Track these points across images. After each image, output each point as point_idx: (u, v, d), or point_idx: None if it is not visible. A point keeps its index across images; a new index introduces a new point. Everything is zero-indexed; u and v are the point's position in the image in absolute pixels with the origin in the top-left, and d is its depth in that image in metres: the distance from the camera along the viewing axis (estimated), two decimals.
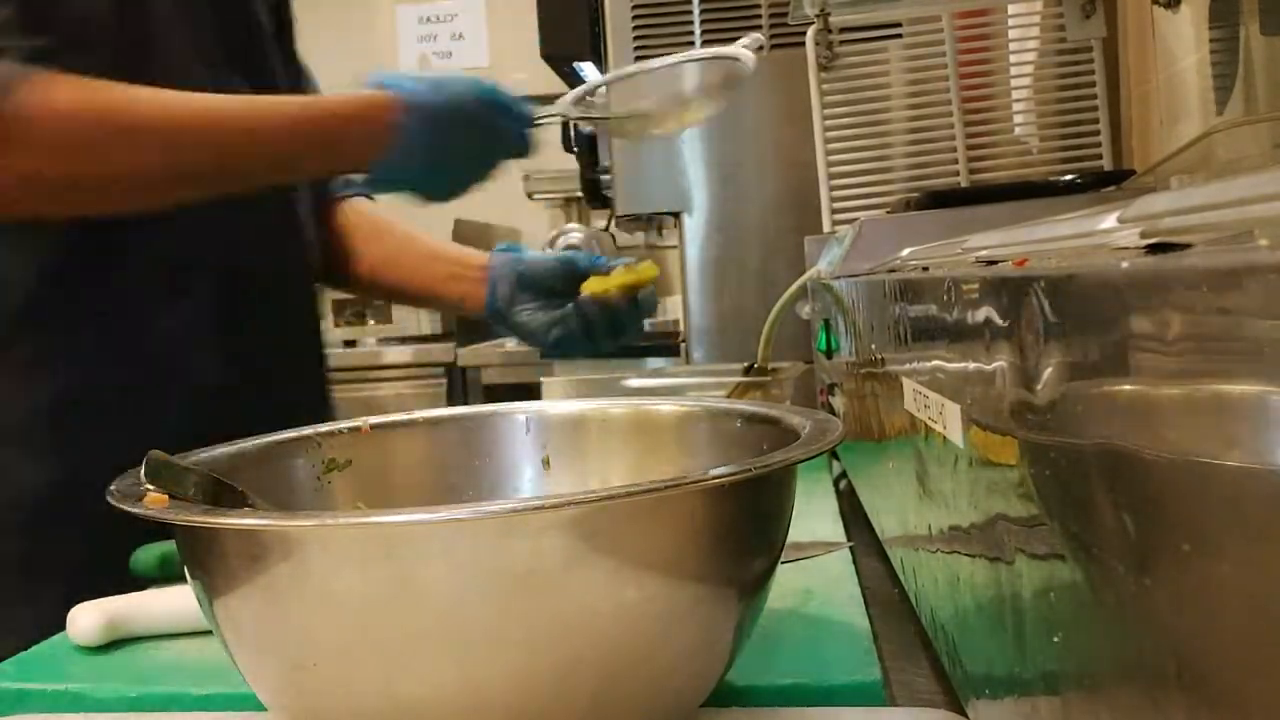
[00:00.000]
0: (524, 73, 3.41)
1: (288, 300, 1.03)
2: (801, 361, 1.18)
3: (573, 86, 2.25)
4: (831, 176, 1.28)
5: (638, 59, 1.59)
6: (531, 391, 2.27)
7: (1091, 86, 1.26)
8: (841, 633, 0.59)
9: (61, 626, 0.65)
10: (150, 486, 0.47)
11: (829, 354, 0.99)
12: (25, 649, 0.64)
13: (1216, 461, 0.19)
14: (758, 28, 1.58)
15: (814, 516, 0.84)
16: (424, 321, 3.07)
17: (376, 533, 0.41)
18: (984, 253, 0.38)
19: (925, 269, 0.49)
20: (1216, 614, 0.19)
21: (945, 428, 0.43)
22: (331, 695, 0.43)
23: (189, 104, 0.82)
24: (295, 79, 1.06)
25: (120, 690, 0.58)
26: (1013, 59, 1.35)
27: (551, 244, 2.88)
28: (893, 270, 0.59)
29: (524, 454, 0.65)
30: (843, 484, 0.97)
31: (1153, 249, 0.22)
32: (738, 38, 1.57)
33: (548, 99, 0.97)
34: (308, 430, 0.62)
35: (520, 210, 3.45)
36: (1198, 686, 0.21)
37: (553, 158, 2.98)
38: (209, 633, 0.50)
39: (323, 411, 1.06)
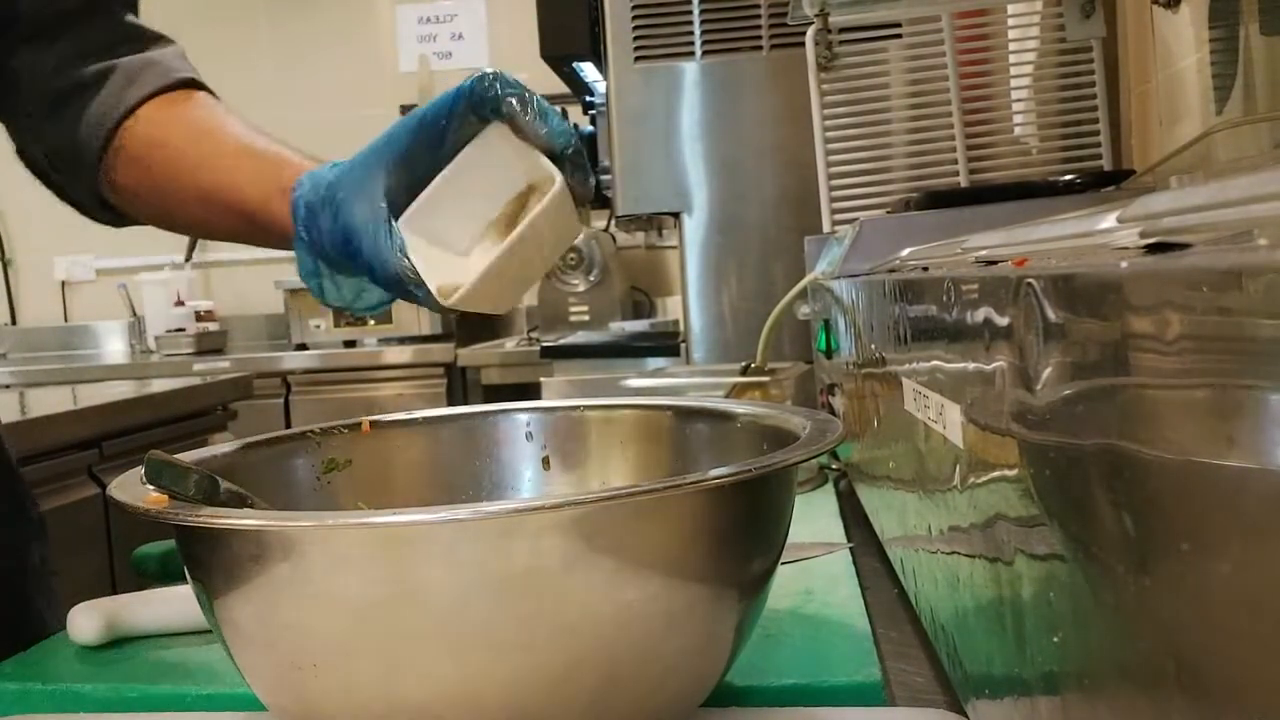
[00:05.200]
0: (524, 73, 3.42)
1: None
2: (801, 361, 1.18)
3: (573, 87, 2.25)
4: (831, 176, 1.28)
5: (637, 60, 1.59)
6: (531, 391, 2.28)
7: (1091, 86, 1.26)
8: (841, 633, 0.59)
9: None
10: (150, 486, 0.47)
11: (829, 354, 0.99)
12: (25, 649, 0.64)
13: (1216, 461, 0.19)
14: (757, 28, 1.58)
15: (814, 517, 0.84)
16: (424, 321, 3.07)
17: (376, 533, 0.41)
18: (984, 253, 0.38)
19: (925, 269, 0.49)
20: (1216, 614, 0.19)
21: (945, 428, 0.43)
22: (331, 695, 0.43)
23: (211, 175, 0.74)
24: None
25: (120, 690, 0.58)
26: (1012, 59, 1.34)
27: None
28: (893, 270, 0.59)
29: (524, 454, 0.65)
30: (843, 484, 0.97)
31: (1152, 249, 0.22)
32: (739, 38, 1.58)
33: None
34: (308, 430, 0.62)
35: None
36: (1197, 686, 0.21)
37: None
38: (209, 633, 0.50)
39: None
